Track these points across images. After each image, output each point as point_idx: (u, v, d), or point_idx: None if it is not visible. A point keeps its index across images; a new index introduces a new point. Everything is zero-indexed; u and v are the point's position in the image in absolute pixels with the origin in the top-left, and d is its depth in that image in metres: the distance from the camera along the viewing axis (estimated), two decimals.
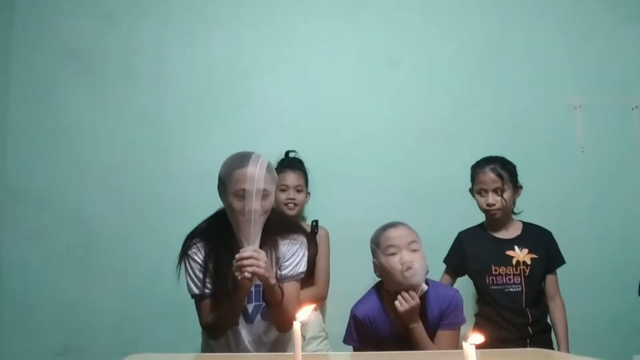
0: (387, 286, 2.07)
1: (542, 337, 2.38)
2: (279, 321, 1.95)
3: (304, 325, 2.48)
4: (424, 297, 2.03)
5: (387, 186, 2.97)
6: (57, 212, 2.93)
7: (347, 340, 2.12)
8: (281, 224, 2.05)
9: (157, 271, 2.87)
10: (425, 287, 2.02)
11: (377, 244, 2.08)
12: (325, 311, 2.75)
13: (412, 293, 1.98)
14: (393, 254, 2.01)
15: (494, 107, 3.07)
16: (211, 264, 1.95)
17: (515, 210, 2.50)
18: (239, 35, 3.08)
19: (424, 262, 2.03)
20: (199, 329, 2.21)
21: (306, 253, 2.03)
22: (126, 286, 2.88)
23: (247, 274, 1.78)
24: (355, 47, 3.10)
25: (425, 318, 2.04)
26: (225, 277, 1.89)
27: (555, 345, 2.41)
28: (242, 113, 3.02)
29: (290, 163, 2.71)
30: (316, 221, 2.74)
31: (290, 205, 2.62)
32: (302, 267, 2.02)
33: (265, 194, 1.86)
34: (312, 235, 2.68)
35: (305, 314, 1.44)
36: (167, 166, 2.97)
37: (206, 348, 2.08)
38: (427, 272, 2.06)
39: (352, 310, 2.12)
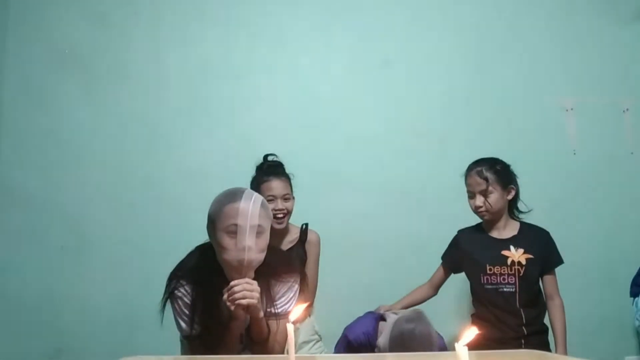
0: None
1: (537, 337, 2.37)
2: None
3: (295, 328, 2.45)
4: None
5: (379, 187, 2.97)
6: (50, 211, 2.91)
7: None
8: (274, 264, 1.89)
9: (151, 272, 2.84)
10: None
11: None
12: (314, 313, 2.74)
13: None
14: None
15: (486, 108, 3.09)
16: (201, 305, 1.81)
17: (523, 208, 2.49)
18: (233, 35, 3.08)
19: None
20: None
21: (297, 292, 1.92)
22: (120, 287, 2.87)
23: (242, 301, 1.66)
24: (348, 47, 3.11)
25: None
26: (217, 317, 1.78)
27: (552, 346, 2.40)
28: (235, 113, 3.02)
29: (274, 169, 2.54)
30: (306, 224, 2.69)
31: (279, 215, 2.47)
32: (293, 306, 1.89)
33: (259, 230, 1.72)
34: (300, 243, 2.61)
35: (296, 314, 1.44)
36: (161, 166, 2.96)
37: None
38: None
39: (344, 332, 2.23)
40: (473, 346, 1.12)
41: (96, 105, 3.00)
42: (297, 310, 1.44)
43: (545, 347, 2.38)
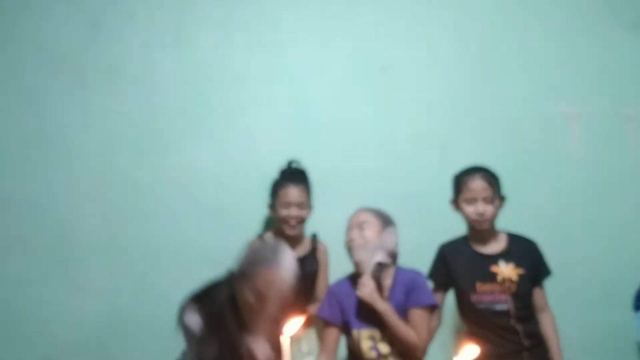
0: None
1: (540, 348, 2.32)
2: None
3: (302, 339, 2.45)
4: (385, 277, 2.24)
5: (378, 195, 2.90)
6: (40, 218, 2.87)
7: (319, 311, 2.34)
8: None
9: (142, 281, 2.85)
10: (375, 262, 2.21)
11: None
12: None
13: (365, 277, 2.19)
14: (347, 233, 2.31)
15: (488, 116, 3.06)
16: (212, 339, 1.87)
17: None
18: (229, 39, 3.05)
19: (372, 240, 2.24)
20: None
21: None
22: (110, 296, 2.84)
23: None
24: (347, 52, 3.08)
25: (391, 298, 2.22)
26: (226, 354, 1.86)
27: None
28: (231, 118, 2.99)
29: (294, 176, 2.63)
30: (315, 235, 2.71)
31: (291, 222, 2.56)
32: None
33: (284, 301, 1.84)
34: (312, 252, 2.66)
35: (294, 328, 1.43)
36: (154, 172, 2.92)
37: None
38: (391, 254, 2.28)
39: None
40: None
41: (89, 109, 2.96)
42: (294, 324, 1.43)
43: (547, 357, 2.32)
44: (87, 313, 2.81)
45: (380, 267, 2.21)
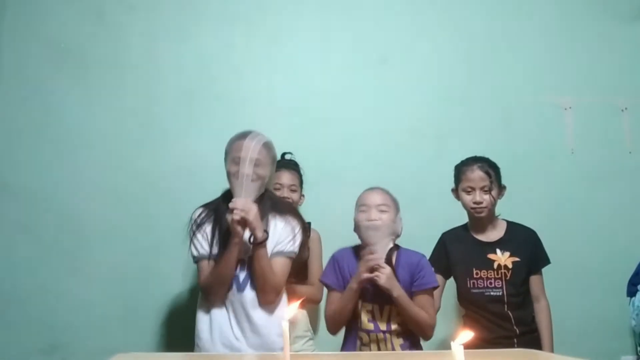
0: (360, 240, 2.27)
1: (530, 336, 2.37)
2: (261, 288, 2.13)
3: (291, 323, 2.50)
4: (392, 260, 2.23)
5: (376, 184, 2.93)
6: (45, 207, 2.89)
7: (322, 277, 2.36)
8: (279, 204, 2.29)
9: (146, 268, 2.87)
10: (390, 244, 2.22)
11: (356, 203, 2.32)
12: (316, 310, 2.74)
13: (383, 265, 2.16)
14: (363, 211, 2.25)
15: (483, 107, 3.08)
16: (210, 229, 2.18)
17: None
18: (230, 31, 3.06)
19: (389, 222, 2.22)
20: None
21: (300, 236, 2.22)
22: (115, 283, 2.85)
23: (236, 217, 2.01)
24: (346, 44, 3.10)
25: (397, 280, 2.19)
26: (222, 239, 2.13)
27: None
28: (232, 109, 2.99)
29: (286, 163, 2.70)
30: (309, 223, 2.73)
31: None
32: (293, 247, 2.20)
33: (257, 163, 2.11)
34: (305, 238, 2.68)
35: (292, 312, 1.44)
36: (157, 162, 2.94)
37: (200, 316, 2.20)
38: (398, 235, 2.26)
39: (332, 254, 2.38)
40: (465, 346, 1.12)
41: (92, 100, 2.98)
42: (291, 308, 1.44)
43: (539, 344, 2.38)
44: (91, 300, 2.84)
45: (390, 252, 2.22)
